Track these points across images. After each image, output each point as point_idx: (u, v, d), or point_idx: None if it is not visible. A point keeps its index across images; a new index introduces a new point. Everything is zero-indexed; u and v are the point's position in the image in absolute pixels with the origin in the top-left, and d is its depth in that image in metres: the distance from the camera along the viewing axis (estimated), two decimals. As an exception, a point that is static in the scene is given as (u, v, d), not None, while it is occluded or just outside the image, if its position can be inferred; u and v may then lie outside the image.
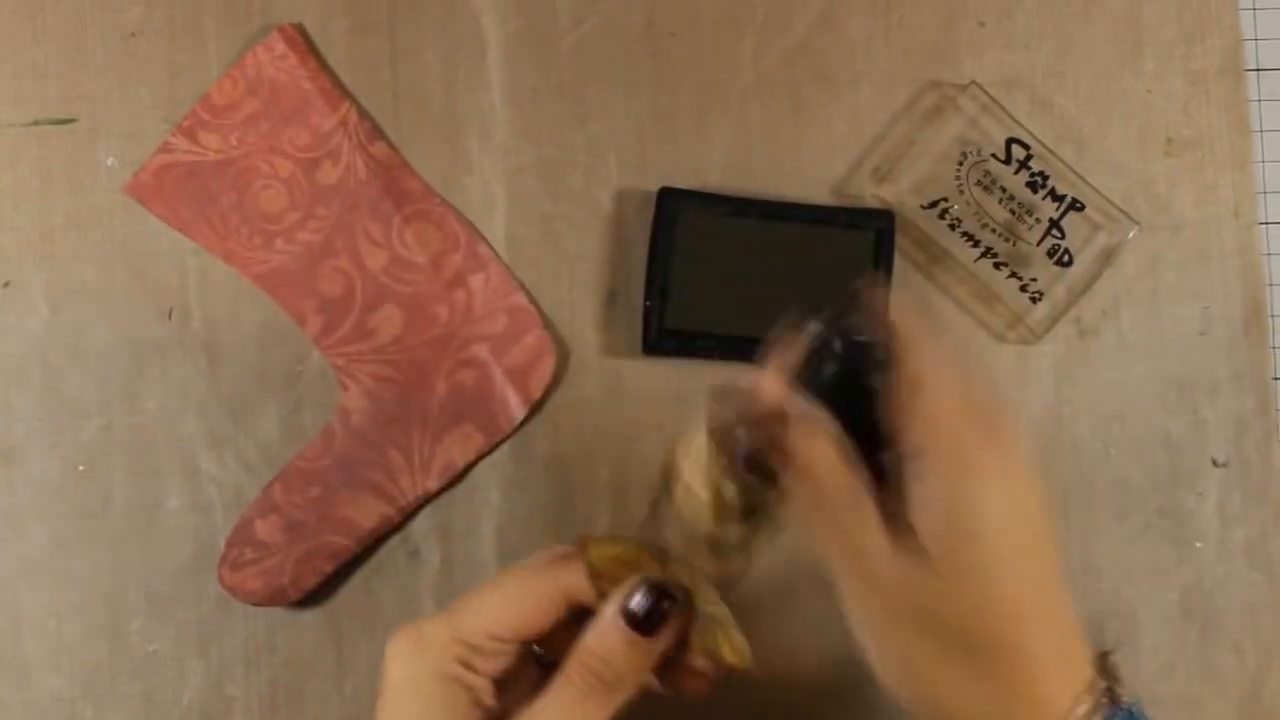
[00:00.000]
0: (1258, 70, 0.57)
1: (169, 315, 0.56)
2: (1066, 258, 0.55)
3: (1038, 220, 0.55)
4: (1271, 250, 0.56)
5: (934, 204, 0.55)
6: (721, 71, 0.57)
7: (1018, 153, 0.55)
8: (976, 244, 0.55)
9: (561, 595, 0.39)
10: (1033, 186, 0.55)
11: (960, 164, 0.55)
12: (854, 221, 0.54)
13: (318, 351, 0.55)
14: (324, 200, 0.55)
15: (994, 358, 0.55)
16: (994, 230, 0.55)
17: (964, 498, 0.35)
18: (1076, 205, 0.55)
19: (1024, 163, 0.55)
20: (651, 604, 0.37)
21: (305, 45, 0.56)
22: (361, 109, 0.56)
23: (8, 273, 0.56)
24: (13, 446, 0.55)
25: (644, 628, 0.37)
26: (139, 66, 0.56)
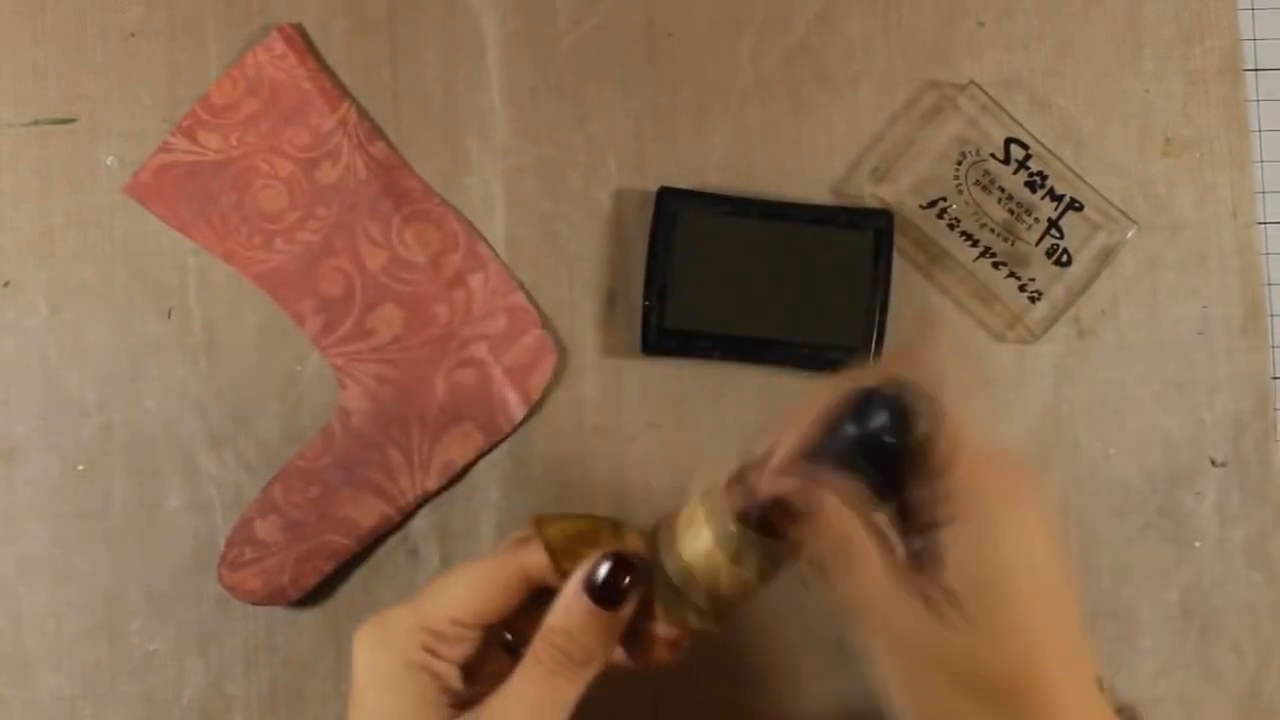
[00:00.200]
0: (1256, 70, 0.57)
1: (169, 315, 0.56)
2: (1065, 257, 0.55)
3: (1036, 220, 0.55)
4: (1270, 250, 0.56)
5: (933, 204, 0.55)
6: (721, 71, 0.57)
7: (1016, 153, 0.55)
8: (975, 244, 0.55)
9: (522, 576, 0.39)
10: (1031, 186, 0.55)
11: (959, 164, 0.55)
12: (853, 221, 0.54)
13: (317, 351, 0.55)
14: (324, 200, 0.55)
15: (993, 357, 0.55)
16: (993, 230, 0.55)
17: (997, 551, 0.36)
18: (1075, 205, 0.55)
19: (1023, 162, 0.55)
20: (612, 575, 0.37)
21: (305, 45, 0.56)
22: (361, 109, 0.56)
23: (8, 272, 0.56)
24: (12, 446, 0.55)
25: (607, 600, 0.37)
26: (139, 66, 0.57)
